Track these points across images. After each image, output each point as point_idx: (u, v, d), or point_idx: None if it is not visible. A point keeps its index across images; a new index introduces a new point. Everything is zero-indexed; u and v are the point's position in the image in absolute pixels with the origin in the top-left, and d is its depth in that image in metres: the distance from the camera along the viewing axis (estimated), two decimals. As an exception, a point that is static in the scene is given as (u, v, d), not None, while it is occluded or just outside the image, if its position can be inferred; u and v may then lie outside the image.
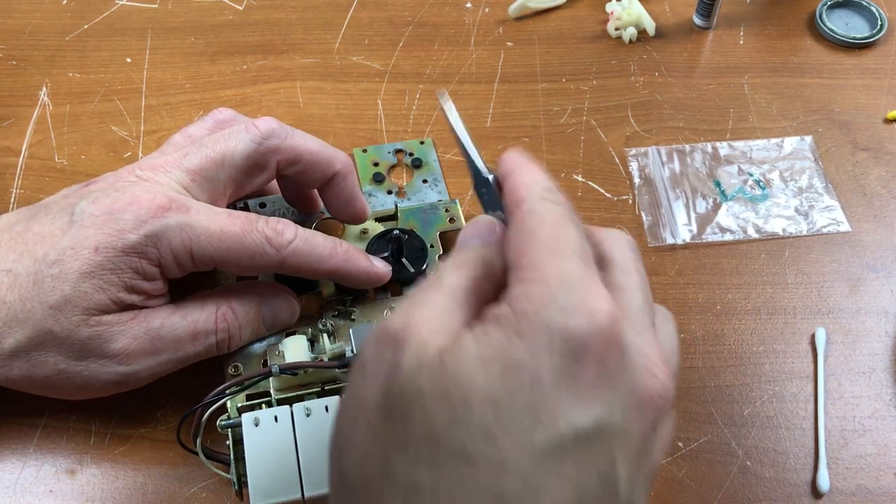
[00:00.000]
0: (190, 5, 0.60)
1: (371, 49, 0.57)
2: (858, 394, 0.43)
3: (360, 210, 0.43)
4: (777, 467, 0.41)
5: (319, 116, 0.54)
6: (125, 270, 0.35)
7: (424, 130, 0.53)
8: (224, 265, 0.37)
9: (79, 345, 0.35)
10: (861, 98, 0.56)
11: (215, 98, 0.54)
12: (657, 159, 0.52)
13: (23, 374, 0.35)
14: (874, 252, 0.49)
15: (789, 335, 0.45)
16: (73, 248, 0.35)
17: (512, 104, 0.55)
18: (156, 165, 0.38)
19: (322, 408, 0.37)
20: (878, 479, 0.41)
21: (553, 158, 0.52)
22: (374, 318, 0.42)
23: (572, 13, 0.61)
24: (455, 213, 0.46)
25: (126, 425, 0.41)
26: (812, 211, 0.50)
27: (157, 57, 0.56)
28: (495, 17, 0.60)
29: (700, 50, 0.59)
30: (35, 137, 0.52)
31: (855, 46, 0.59)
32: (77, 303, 0.34)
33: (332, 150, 0.41)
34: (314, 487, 0.35)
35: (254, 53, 0.57)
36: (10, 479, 0.39)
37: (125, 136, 0.52)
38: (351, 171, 0.42)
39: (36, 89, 0.54)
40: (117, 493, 0.39)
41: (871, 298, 0.47)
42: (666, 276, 0.47)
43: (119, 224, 0.35)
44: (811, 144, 0.53)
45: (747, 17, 0.61)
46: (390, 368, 0.25)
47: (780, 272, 0.48)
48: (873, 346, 0.45)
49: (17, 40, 0.57)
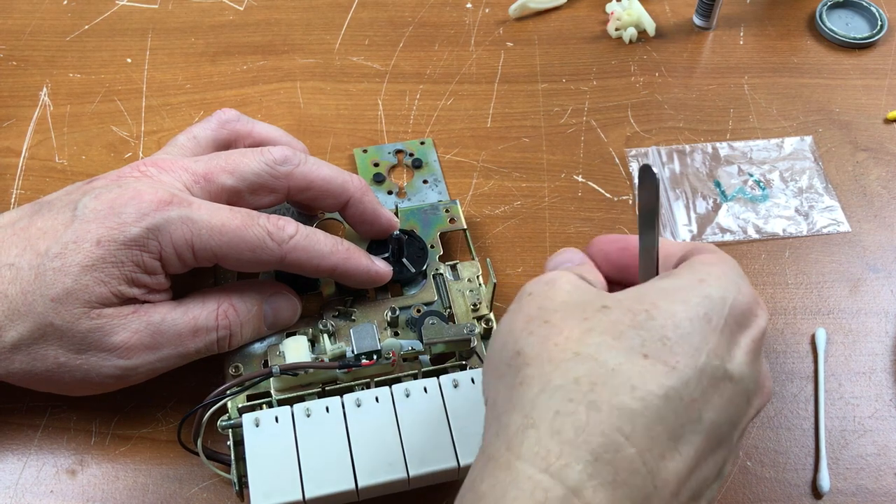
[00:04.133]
0: (190, 6, 0.60)
1: (371, 49, 0.58)
2: (859, 394, 0.43)
3: (385, 226, 0.43)
4: (777, 467, 0.41)
5: (319, 117, 0.54)
6: (126, 263, 0.35)
7: (425, 131, 0.53)
8: (225, 259, 0.37)
9: (79, 337, 0.35)
10: (861, 98, 0.56)
11: (216, 98, 0.54)
12: (657, 159, 0.52)
13: (23, 367, 0.36)
14: (874, 252, 0.49)
15: (789, 335, 0.45)
16: (75, 242, 0.35)
17: (512, 104, 0.55)
18: (160, 163, 0.38)
19: (322, 408, 0.37)
20: (879, 479, 0.41)
21: (553, 158, 0.52)
22: (374, 319, 0.42)
23: (572, 13, 0.61)
24: (455, 214, 0.46)
25: (127, 425, 0.41)
26: (812, 211, 0.50)
27: (158, 57, 0.56)
28: (495, 17, 0.60)
29: (700, 50, 0.59)
30: (35, 138, 0.52)
31: (855, 46, 0.59)
32: (78, 295, 0.34)
33: (345, 175, 0.41)
34: (315, 488, 0.35)
35: (254, 54, 0.57)
36: (11, 479, 0.39)
37: (125, 137, 0.52)
38: (366, 193, 0.42)
39: (36, 90, 0.54)
40: (118, 494, 0.39)
41: (871, 299, 0.47)
42: (666, 277, 0.47)
43: (121, 218, 0.35)
44: (811, 145, 0.53)
45: (747, 17, 0.61)
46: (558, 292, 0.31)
47: (780, 272, 0.48)
48: (873, 347, 0.45)
49: (18, 40, 0.57)
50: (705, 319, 0.29)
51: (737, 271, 0.31)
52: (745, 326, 0.30)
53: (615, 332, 0.28)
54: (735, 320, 0.29)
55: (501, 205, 0.50)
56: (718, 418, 0.28)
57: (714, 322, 0.29)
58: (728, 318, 0.29)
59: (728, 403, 0.29)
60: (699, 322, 0.28)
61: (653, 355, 0.28)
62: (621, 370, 0.27)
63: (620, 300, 0.30)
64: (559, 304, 0.30)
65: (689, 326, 0.28)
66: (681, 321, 0.28)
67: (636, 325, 0.28)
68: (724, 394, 0.28)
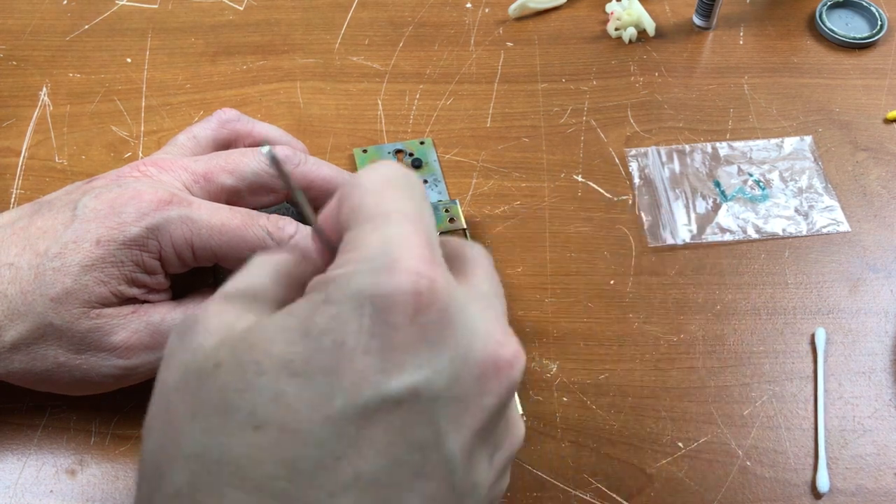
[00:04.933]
0: (190, 5, 0.60)
1: (371, 49, 0.58)
2: (858, 394, 0.43)
3: None
4: (777, 467, 0.41)
5: (319, 116, 0.54)
6: (126, 263, 0.35)
7: (424, 131, 0.53)
8: (225, 259, 0.37)
9: (79, 337, 0.35)
10: (861, 98, 0.56)
11: (215, 98, 0.54)
12: (657, 159, 0.52)
13: (23, 367, 0.36)
14: (874, 252, 0.49)
15: (789, 335, 0.45)
16: (74, 242, 0.35)
17: (512, 104, 0.55)
18: (159, 163, 0.38)
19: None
20: (878, 479, 0.41)
21: (553, 158, 0.52)
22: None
23: (572, 13, 0.61)
24: (455, 214, 0.46)
25: (127, 425, 0.41)
26: (812, 211, 0.50)
27: (158, 57, 0.56)
28: (495, 17, 0.60)
29: (700, 50, 0.59)
30: (35, 138, 0.52)
31: (855, 46, 0.59)
32: (78, 295, 0.34)
33: (345, 175, 0.41)
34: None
35: (254, 54, 0.57)
36: (11, 479, 0.39)
37: (125, 137, 0.52)
38: None
39: (36, 89, 0.54)
40: (118, 494, 0.39)
41: (870, 298, 0.47)
42: (666, 277, 0.47)
43: (121, 217, 0.35)
44: (811, 144, 0.53)
45: (747, 17, 0.61)
46: (192, 349, 0.24)
47: (780, 272, 0.48)
48: (873, 347, 0.45)
49: (18, 40, 0.57)
50: (328, 348, 0.22)
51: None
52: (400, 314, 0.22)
53: (223, 404, 0.22)
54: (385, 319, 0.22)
55: (501, 205, 0.50)
56: (388, 458, 0.22)
57: (350, 344, 0.22)
58: (372, 325, 0.22)
59: (403, 433, 0.22)
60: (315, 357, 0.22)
61: (265, 422, 0.21)
62: (227, 458, 0.21)
63: (234, 349, 0.23)
64: (180, 373, 0.23)
65: (309, 368, 0.22)
66: (297, 365, 0.22)
67: (244, 386, 0.22)
68: (391, 423, 0.22)
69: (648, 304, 0.46)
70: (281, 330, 0.22)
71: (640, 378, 0.43)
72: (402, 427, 0.22)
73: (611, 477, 0.40)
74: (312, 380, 0.21)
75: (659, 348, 0.44)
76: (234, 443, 0.21)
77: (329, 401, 0.21)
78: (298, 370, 0.22)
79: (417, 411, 0.22)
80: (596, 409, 0.42)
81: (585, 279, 0.47)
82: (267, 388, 0.22)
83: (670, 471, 0.40)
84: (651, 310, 0.46)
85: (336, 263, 0.24)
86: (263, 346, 0.22)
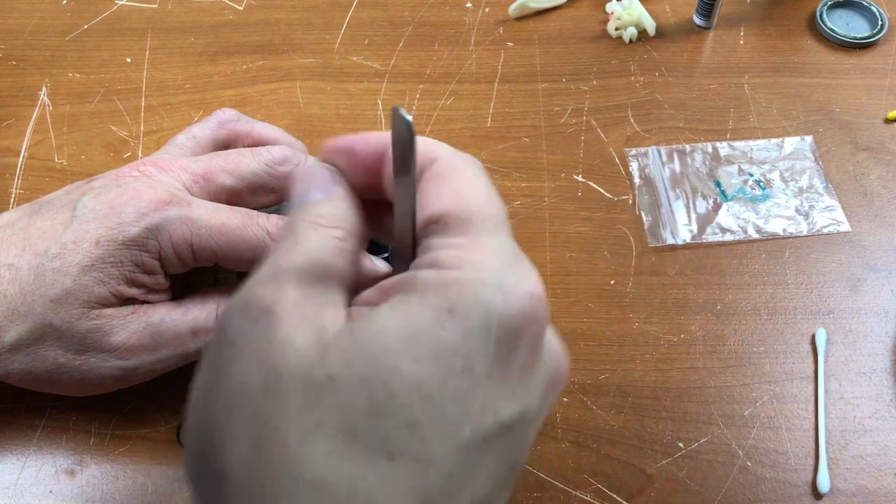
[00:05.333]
0: (190, 5, 0.60)
1: (371, 49, 0.57)
2: (859, 394, 0.43)
3: None
4: (777, 468, 0.41)
5: (319, 116, 0.54)
6: (126, 263, 0.35)
7: (424, 131, 0.53)
8: (225, 259, 0.37)
9: (78, 338, 0.35)
10: (861, 98, 0.56)
11: (215, 98, 0.54)
12: (657, 159, 0.52)
13: (22, 368, 0.36)
14: (874, 252, 0.49)
15: (790, 335, 0.45)
16: (74, 242, 0.35)
17: (512, 104, 0.55)
18: (159, 163, 0.38)
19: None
20: (879, 479, 0.41)
21: (553, 158, 0.52)
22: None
23: (572, 13, 0.61)
24: (455, 214, 0.46)
25: (126, 426, 0.41)
26: (812, 211, 0.50)
27: (157, 57, 0.56)
28: (495, 17, 0.60)
29: (700, 50, 0.59)
30: (35, 138, 0.52)
31: (855, 46, 0.59)
32: (78, 296, 0.34)
33: None
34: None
35: (254, 53, 0.57)
36: (10, 479, 0.39)
37: (125, 136, 0.52)
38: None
39: (36, 89, 0.54)
40: (117, 494, 0.39)
41: (871, 298, 0.47)
42: (666, 277, 0.47)
43: (120, 217, 0.35)
44: (811, 144, 0.53)
45: (747, 17, 0.61)
46: (278, 344, 0.21)
47: (780, 272, 0.48)
48: (874, 347, 0.45)
49: (17, 40, 0.57)
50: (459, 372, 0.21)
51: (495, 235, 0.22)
52: (521, 338, 0.22)
53: (347, 426, 0.20)
54: (507, 343, 0.21)
55: (501, 205, 0.50)
56: (494, 481, 0.22)
57: (478, 369, 0.21)
58: (496, 349, 0.21)
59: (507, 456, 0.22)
60: (448, 382, 0.21)
61: (400, 452, 0.20)
62: (359, 489, 0.20)
63: (350, 361, 0.21)
64: (271, 375, 0.21)
65: (442, 394, 0.20)
66: (430, 389, 0.20)
67: (374, 409, 0.20)
68: (500, 448, 0.22)
69: (649, 304, 0.46)
70: (404, 341, 0.21)
71: (640, 378, 0.43)
72: (507, 450, 0.22)
73: (611, 477, 0.40)
74: (445, 406, 0.21)
75: (659, 348, 0.44)
76: (364, 473, 0.20)
77: (460, 429, 0.21)
78: (432, 394, 0.20)
79: (519, 434, 0.22)
80: (596, 410, 0.42)
81: (585, 279, 0.47)
82: (402, 417, 0.20)
83: (670, 471, 0.40)
84: (651, 310, 0.46)
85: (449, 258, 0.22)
86: (388, 363, 0.21)
